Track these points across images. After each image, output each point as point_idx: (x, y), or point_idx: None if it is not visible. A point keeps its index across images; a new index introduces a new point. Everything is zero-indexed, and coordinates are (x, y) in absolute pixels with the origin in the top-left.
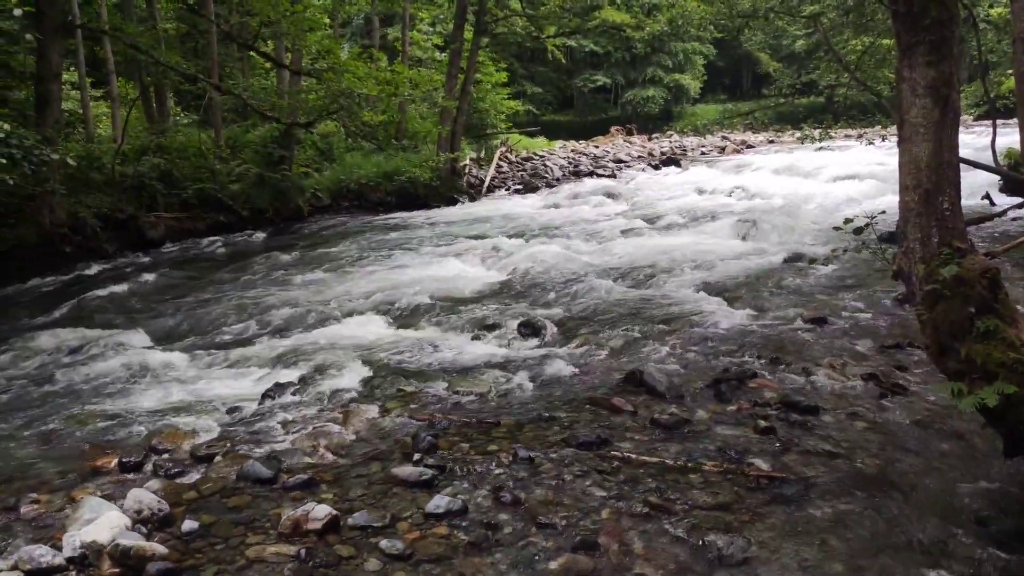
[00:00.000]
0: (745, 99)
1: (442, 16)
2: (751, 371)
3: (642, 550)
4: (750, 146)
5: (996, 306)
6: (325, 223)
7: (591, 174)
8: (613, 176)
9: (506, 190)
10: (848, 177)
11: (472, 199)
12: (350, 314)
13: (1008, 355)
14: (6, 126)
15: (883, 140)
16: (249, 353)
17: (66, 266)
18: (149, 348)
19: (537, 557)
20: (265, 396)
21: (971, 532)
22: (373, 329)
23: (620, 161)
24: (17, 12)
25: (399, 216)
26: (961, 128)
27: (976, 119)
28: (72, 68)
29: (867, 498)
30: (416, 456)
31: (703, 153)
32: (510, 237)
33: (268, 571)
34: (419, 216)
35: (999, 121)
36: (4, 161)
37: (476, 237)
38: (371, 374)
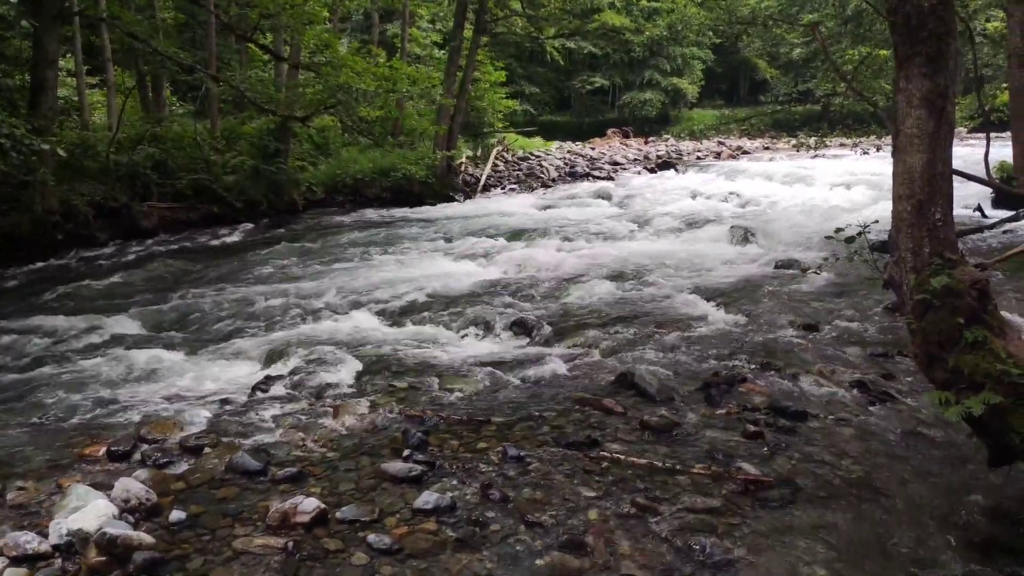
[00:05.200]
0: (742, 105)
1: (442, 14)
2: (741, 375)
3: (628, 550)
4: (746, 152)
5: (985, 317)
6: (319, 217)
7: (587, 176)
8: (609, 178)
9: (501, 189)
10: (842, 185)
11: (467, 197)
12: (342, 309)
13: (995, 366)
14: None
15: (877, 150)
16: (240, 345)
17: (58, 254)
18: (140, 338)
19: (524, 555)
20: (256, 389)
21: (954, 540)
22: (365, 325)
23: (616, 163)
24: None
25: (394, 212)
26: (955, 140)
27: (970, 131)
28: (68, 55)
29: (852, 504)
30: (406, 452)
31: (699, 158)
32: (504, 236)
33: (255, 563)
34: (414, 213)
35: (993, 134)
36: None
37: (470, 235)
38: (362, 369)
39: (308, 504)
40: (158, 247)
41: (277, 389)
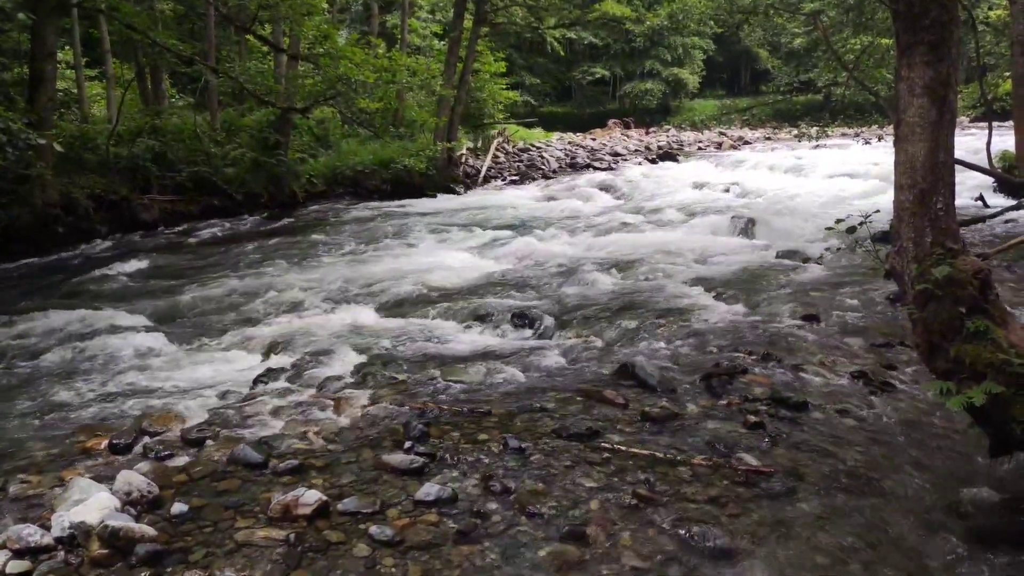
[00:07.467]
0: (743, 95)
1: (441, 4)
2: (742, 366)
3: (630, 541)
4: (747, 142)
5: (986, 307)
6: (319, 209)
7: (588, 167)
8: (610, 169)
9: (502, 181)
10: (844, 175)
11: (468, 189)
12: (343, 302)
13: (996, 356)
14: None
15: (879, 140)
16: (241, 338)
17: (58, 247)
18: (140, 331)
19: (525, 546)
20: (257, 381)
21: (954, 530)
22: (366, 317)
23: (617, 154)
24: None
25: (394, 204)
26: (957, 129)
27: (972, 121)
28: (67, 47)
29: (853, 494)
30: (407, 444)
31: (700, 148)
32: (505, 228)
33: (257, 555)
34: (414, 205)
35: (995, 123)
36: None
37: (471, 227)
38: (363, 361)
39: (310, 496)
40: (159, 240)
41: (278, 381)
